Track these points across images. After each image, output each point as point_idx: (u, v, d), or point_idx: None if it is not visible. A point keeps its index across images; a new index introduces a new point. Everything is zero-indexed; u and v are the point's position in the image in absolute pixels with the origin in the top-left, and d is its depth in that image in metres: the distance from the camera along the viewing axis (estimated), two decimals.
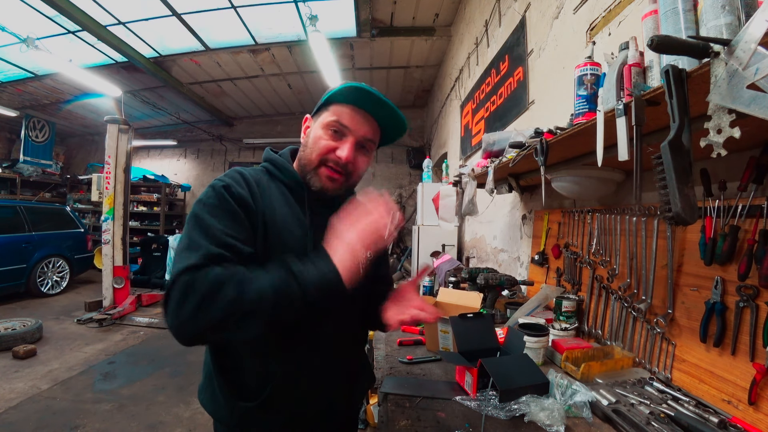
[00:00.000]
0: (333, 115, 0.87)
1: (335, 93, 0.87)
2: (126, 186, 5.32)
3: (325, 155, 0.86)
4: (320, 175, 0.88)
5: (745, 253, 0.91)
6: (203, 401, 0.93)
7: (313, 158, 0.87)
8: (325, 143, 0.86)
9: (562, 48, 1.98)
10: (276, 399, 0.86)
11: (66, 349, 3.92)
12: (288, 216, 0.86)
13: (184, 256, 0.70)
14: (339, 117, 0.86)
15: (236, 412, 0.86)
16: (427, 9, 4.67)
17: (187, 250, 0.71)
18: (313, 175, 0.88)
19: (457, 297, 1.55)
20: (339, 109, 0.87)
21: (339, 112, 0.87)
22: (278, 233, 0.83)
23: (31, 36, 4.51)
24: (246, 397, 0.85)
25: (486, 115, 3.37)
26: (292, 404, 0.87)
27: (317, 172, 0.88)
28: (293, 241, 0.85)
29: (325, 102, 0.89)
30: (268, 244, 0.82)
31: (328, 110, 0.88)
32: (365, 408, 2.34)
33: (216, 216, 0.76)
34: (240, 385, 0.86)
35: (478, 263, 3.43)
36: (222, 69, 6.14)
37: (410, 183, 8.26)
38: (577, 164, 1.41)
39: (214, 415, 0.91)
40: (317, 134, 0.88)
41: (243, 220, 0.79)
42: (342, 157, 0.85)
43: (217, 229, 0.74)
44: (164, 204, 8.58)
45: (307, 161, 0.89)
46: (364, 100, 0.87)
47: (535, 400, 0.91)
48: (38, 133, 8.34)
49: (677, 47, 0.65)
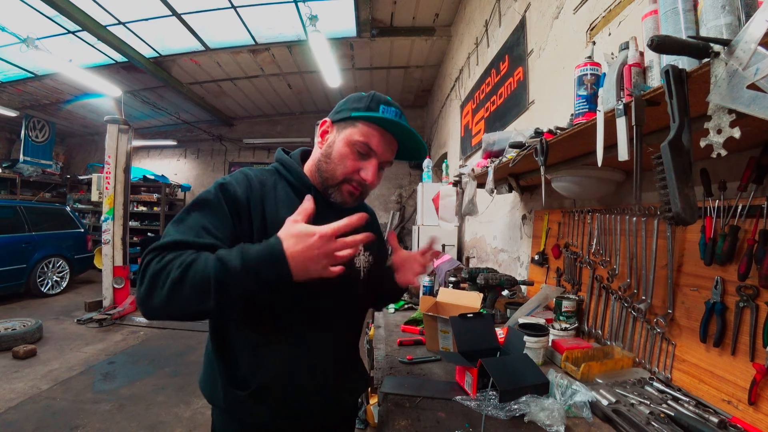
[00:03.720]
0: (362, 136, 0.87)
1: (369, 115, 0.87)
2: (126, 186, 5.32)
3: (350, 175, 0.88)
4: (342, 191, 0.90)
5: (745, 253, 0.91)
6: (203, 388, 0.96)
7: (338, 175, 0.89)
8: (351, 163, 0.88)
9: (562, 48, 1.98)
10: (268, 390, 0.87)
11: (66, 349, 3.91)
12: (285, 210, 0.86)
13: (158, 241, 0.75)
14: (368, 140, 0.87)
15: (229, 398, 0.88)
16: (427, 9, 4.67)
17: (163, 236, 0.76)
18: (336, 190, 0.90)
19: (457, 297, 1.55)
20: (368, 131, 0.87)
21: (368, 134, 0.87)
22: (272, 224, 0.84)
23: (31, 36, 4.51)
24: (239, 385, 0.87)
25: (486, 115, 3.37)
26: (285, 397, 0.89)
27: (340, 188, 0.90)
28: None
29: (354, 116, 0.88)
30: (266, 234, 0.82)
31: (356, 127, 0.88)
32: (365, 408, 2.34)
33: (201, 210, 0.80)
34: (235, 373, 0.88)
35: (478, 263, 3.43)
36: (222, 69, 6.14)
37: (410, 183, 8.26)
38: (577, 164, 1.41)
39: (210, 400, 0.93)
40: (343, 151, 0.88)
41: (227, 218, 0.81)
42: (367, 179, 0.88)
43: (196, 223, 0.77)
44: (164, 204, 8.57)
45: (330, 176, 0.90)
46: (395, 129, 0.89)
47: (535, 400, 0.91)
48: (38, 133, 8.34)
49: (677, 47, 0.65)
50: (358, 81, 6.65)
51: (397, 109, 0.90)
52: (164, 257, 0.70)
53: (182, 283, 0.66)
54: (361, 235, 0.74)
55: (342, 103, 0.94)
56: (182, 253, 0.71)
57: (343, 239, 0.72)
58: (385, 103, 0.89)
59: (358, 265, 1.02)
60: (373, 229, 1.14)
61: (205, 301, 0.67)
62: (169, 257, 0.70)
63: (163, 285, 0.67)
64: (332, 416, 1.02)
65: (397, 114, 0.89)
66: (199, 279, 0.67)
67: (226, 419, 0.92)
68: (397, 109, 0.90)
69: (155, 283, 0.68)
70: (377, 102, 0.89)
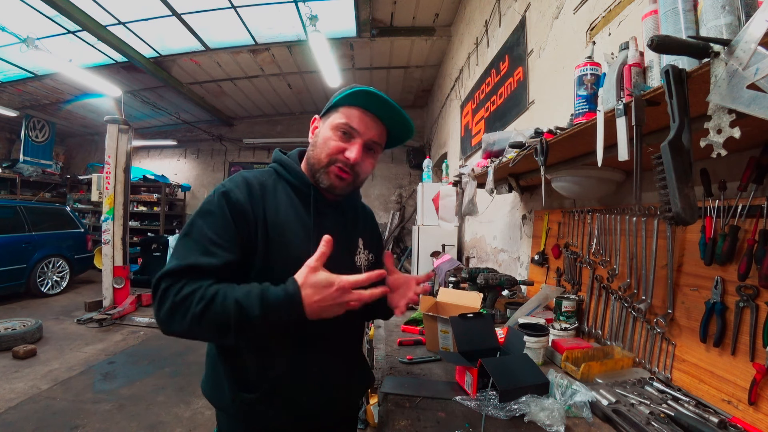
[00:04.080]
0: (342, 117, 0.90)
1: (345, 96, 0.89)
2: (126, 186, 5.32)
3: (334, 155, 0.89)
4: (329, 173, 0.90)
5: (745, 253, 0.91)
6: (206, 391, 0.95)
7: (323, 158, 0.90)
8: (334, 144, 0.89)
9: (562, 48, 1.98)
10: (276, 392, 0.87)
11: (66, 349, 3.91)
12: (292, 216, 0.90)
13: (172, 259, 0.79)
14: (348, 119, 0.89)
15: (237, 402, 0.87)
16: (427, 9, 4.67)
17: (175, 254, 0.80)
18: (323, 173, 0.91)
19: (457, 297, 1.55)
20: (348, 112, 0.90)
21: (348, 114, 0.90)
22: (281, 232, 0.87)
23: (31, 36, 4.51)
24: (247, 388, 0.87)
25: (486, 115, 3.36)
26: (293, 398, 0.89)
27: (326, 170, 0.91)
28: (296, 239, 0.89)
29: (334, 104, 0.92)
30: (270, 242, 0.86)
31: (338, 112, 0.91)
32: (365, 408, 2.34)
33: (208, 222, 0.82)
34: (242, 376, 0.88)
35: (478, 263, 3.43)
36: (222, 69, 6.14)
37: (410, 183, 8.26)
38: (577, 164, 1.40)
39: (217, 404, 0.93)
40: (326, 135, 0.91)
41: (231, 226, 0.83)
42: (351, 158, 0.88)
43: (206, 238, 0.80)
44: (164, 204, 8.57)
45: (317, 160, 0.92)
46: (372, 103, 0.90)
47: (535, 400, 0.91)
48: (38, 133, 8.34)
49: (677, 47, 0.65)
50: (358, 81, 6.53)
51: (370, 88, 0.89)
52: (182, 289, 0.74)
53: (202, 320, 0.72)
54: (378, 290, 0.78)
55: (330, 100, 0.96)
56: (200, 285, 0.75)
57: (359, 293, 0.76)
58: (360, 86, 0.89)
59: (359, 263, 1.02)
60: (372, 228, 1.14)
61: (224, 338, 0.75)
62: (187, 290, 0.74)
63: (183, 317, 0.73)
64: (337, 414, 1.03)
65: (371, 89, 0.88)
66: (219, 320, 0.72)
67: (233, 422, 0.91)
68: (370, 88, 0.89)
69: (174, 314, 0.74)
70: (354, 87, 0.90)
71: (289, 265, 0.81)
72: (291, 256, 0.85)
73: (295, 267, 0.78)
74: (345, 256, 0.99)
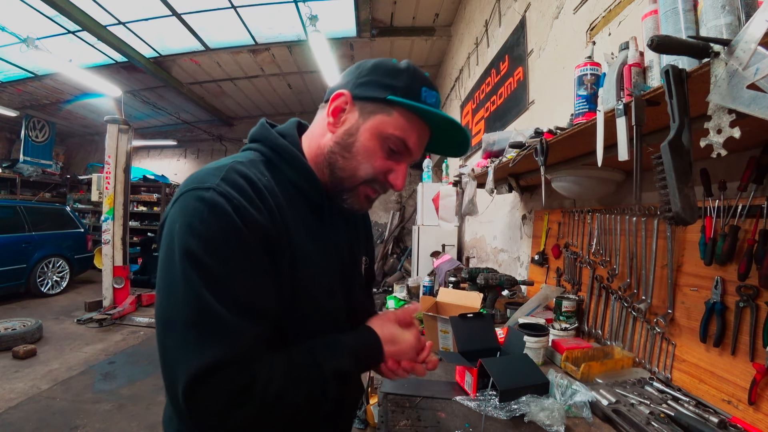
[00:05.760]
0: (398, 130, 0.66)
1: (413, 105, 0.65)
2: (126, 186, 5.32)
3: (375, 176, 0.69)
4: (360, 194, 0.70)
5: (745, 253, 0.91)
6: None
7: (360, 175, 0.68)
8: (380, 164, 0.68)
9: (562, 48, 1.98)
10: None
11: (66, 349, 3.91)
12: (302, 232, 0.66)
13: (205, 339, 0.51)
14: (405, 135, 0.67)
15: None
16: (427, 9, 4.67)
17: (206, 329, 0.51)
18: (352, 194, 0.70)
19: (457, 297, 1.56)
20: (407, 125, 0.67)
21: (406, 129, 0.67)
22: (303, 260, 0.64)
23: (31, 36, 4.51)
24: None
25: (486, 115, 3.37)
26: None
27: (357, 191, 0.70)
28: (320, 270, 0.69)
29: (390, 100, 0.65)
30: (299, 278, 0.64)
31: (391, 116, 0.66)
32: (365, 408, 2.34)
33: (228, 262, 0.54)
34: None
35: (478, 263, 3.43)
36: (222, 69, 6.14)
37: (410, 183, 8.24)
38: (577, 164, 1.41)
39: None
40: (370, 146, 0.67)
41: (264, 261, 0.59)
42: (397, 185, 0.69)
43: (240, 287, 0.54)
44: (164, 204, 8.57)
45: (350, 175, 0.68)
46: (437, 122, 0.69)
47: (535, 400, 0.91)
48: (38, 133, 8.34)
49: (677, 47, 0.65)
50: None
51: (437, 92, 0.70)
52: (255, 383, 0.53)
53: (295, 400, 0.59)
54: (429, 344, 0.79)
55: (368, 70, 0.69)
56: (273, 376, 0.56)
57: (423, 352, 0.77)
58: (428, 85, 0.68)
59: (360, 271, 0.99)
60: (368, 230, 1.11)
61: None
62: (264, 384, 0.54)
63: (279, 414, 0.57)
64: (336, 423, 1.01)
65: (438, 100, 0.70)
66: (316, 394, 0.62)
67: None
68: (437, 92, 0.70)
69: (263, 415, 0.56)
70: (420, 83, 0.67)
71: (318, 307, 0.68)
72: (319, 296, 0.68)
73: (322, 308, 0.68)
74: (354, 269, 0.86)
